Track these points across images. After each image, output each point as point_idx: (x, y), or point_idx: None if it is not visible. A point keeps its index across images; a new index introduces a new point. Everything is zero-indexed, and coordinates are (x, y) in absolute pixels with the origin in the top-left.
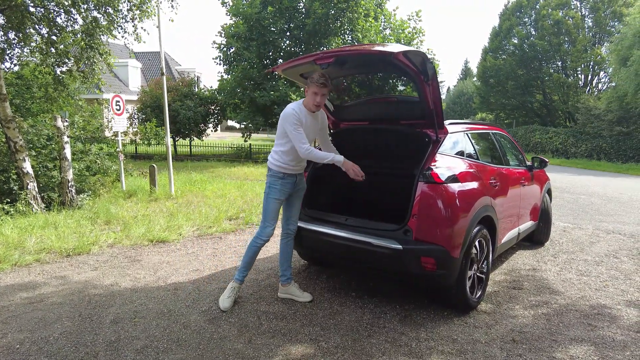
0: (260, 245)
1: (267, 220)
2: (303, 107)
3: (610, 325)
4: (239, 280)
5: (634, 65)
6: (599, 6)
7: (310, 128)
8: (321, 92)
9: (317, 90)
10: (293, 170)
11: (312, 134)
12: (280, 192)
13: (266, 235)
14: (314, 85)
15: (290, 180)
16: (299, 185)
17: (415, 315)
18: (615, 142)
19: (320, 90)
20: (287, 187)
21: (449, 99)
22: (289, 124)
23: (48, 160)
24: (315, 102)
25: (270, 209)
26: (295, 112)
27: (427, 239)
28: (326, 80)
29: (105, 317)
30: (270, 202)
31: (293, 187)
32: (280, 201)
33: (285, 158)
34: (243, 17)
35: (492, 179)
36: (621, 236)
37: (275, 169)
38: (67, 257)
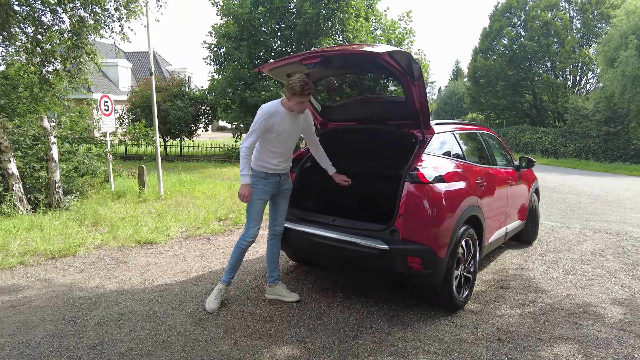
0: (245, 247)
1: (251, 221)
2: (281, 108)
3: (595, 323)
4: (226, 282)
5: (621, 66)
6: (587, 8)
7: (290, 128)
8: (306, 101)
9: (303, 99)
10: (275, 170)
11: (294, 134)
12: (263, 192)
13: (251, 236)
14: (298, 96)
15: (273, 180)
16: (283, 186)
17: (402, 315)
18: (603, 142)
19: (306, 99)
20: (270, 187)
21: (440, 100)
22: (255, 122)
23: (35, 161)
24: (300, 109)
25: (253, 209)
26: (266, 111)
27: (414, 238)
28: (310, 88)
29: (90, 320)
30: (253, 203)
31: (276, 187)
32: (263, 201)
33: (264, 157)
34: (234, 17)
35: (479, 178)
36: (607, 235)
37: (258, 168)
38: (52, 259)
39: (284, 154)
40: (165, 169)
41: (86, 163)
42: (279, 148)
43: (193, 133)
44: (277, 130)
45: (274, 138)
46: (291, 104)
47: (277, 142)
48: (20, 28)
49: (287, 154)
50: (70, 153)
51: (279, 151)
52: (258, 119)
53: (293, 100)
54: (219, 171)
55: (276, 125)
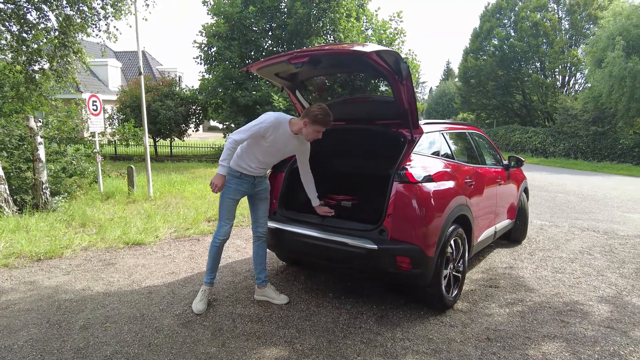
0: (219, 245)
1: (222, 219)
2: (287, 127)
3: (582, 321)
4: (209, 283)
5: (608, 67)
6: (575, 9)
7: (286, 148)
8: (322, 129)
9: (321, 129)
10: (251, 171)
11: (286, 153)
12: (235, 192)
13: (223, 235)
14: (320, 125)
15: (247, 180)
16: (258, 187)
17: (391, 315)
18: (591, 142)
19: (323, 129)
20: (243, 188)
21: (432, 100)
22: (256, 122)
23: (21, 161)
24: (314, 137)
25: (224, 207)
26: (271, 122)
27: (402, 238)
28: (331, 120)
29: (75, 323)
30: (224, 201)
31: (250, 188)
32: (234, 201)
33: (245, 158)
34: (224, 17)
35: (468, 178)
36: (595, 233)
37: (234, 167)
38: (38, 262)
39: (266, 163)
40: (155, 170)
41: (74, 164)
42: (264, 157)
43: (183, 133)
44: (273, 144)
45: (265, 147)
46: (307, 131)
47: (265, 152)
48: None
49: (268, 164)
50: (57, 153)
51: (263, 160)
52: (261, 122)
53: (312, 127)
54: (209, 171)
55: (274, 139)
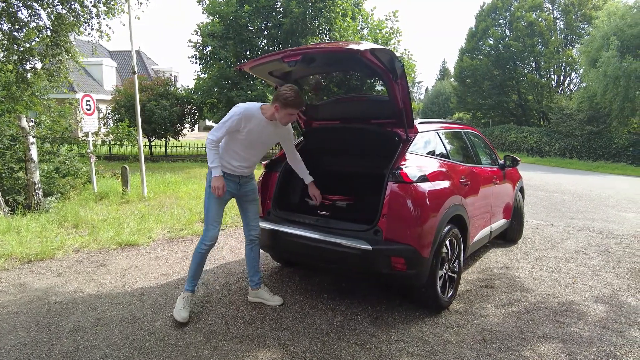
0: (205, 251)
1: (209, 223)
2: (260, 114)
3: (578, 321)
4: (190, 290)
5: (603, 67)
6: (570, 9)
7: (264, 137)
8: (297, 112)
9: (294, 112)
10: (235, 170)
11: (267, 143)
12: None
13: (210, 239)
14: (292, 108)
15: (232, 180)
16: (244, 188)
17: (386, 317)
18: (586, 141)
19: (297, 110)
20: (229, 188)
21: (427, 99)
22: (227, 117)
23: (13, 161)
24: (287, 121)
25: (210, 210)
26: (242, 112)
27: (397, 239)
28: (303, 101)
29: (65, 326)
30: (210, 203)
31: (236, 189)
32: (220, 202)
33: (225, 156)
34: (219, 16)
35: (463, 178)
36: (590, 233)
37: None
38: (29, 263)
39: (248, 159)
40: (150, 170)
41: (67, 164)
42: (244, 152)
43: (179, 133)
44: (249, 135)
45: (242, 140)
46: (280, 115)
47: (243, 145)
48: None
49: (251, 160)
50: (50, 153)
51: (244, 155)
52: (231, 116)
53: (284, 111)
54: (204, 171)
55: (249, 130)
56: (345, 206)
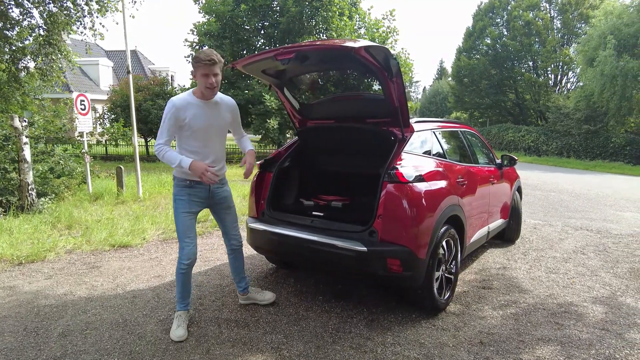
0: (185, 270)
1: (182, 240)
2: (193, 98)
3: (577, 323)
4: (184, 309)
5: (600, 66)
6: (567, 8)
7: (208, 121)
8: (212, 72)
9: (205, 70)
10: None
11: (216, 128)
12: (190, 204)
13: (187, 257)
14: (200, 66)
15: (201, 188)
16: (217, 195)
17: (382, 319)
18: (584, 140)
19: (211, 70)
20: (198, 198)
21: (425, 99)
22: (163, 117)
23: (6, 162)
24: (207, 84)
25: (180, 225)
26: (173, 105)
27: (393, 240)
28: (214, 55)
29: (53, 330)
30: (179, 218)
31: (206, 197)
32: (191, 214)
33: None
34: (216, 15)
35: (460, 177)
36: (588, 232)
37: (180, 175)
38: (19, 266)
39: (209, 154)
40: (146, 170)
41: (62, 164)
42: (198, 147)
43: None
44: (192, 125)
45: (190, 135)
46: (199, 82)
47: (194, 139)
48: None
49: (213, 154)
50: (44, 154)
51: (199, 151)
52: (166, 114)
53: (198, 73)
54: None
55: (189, 119)
56: (340, 207)
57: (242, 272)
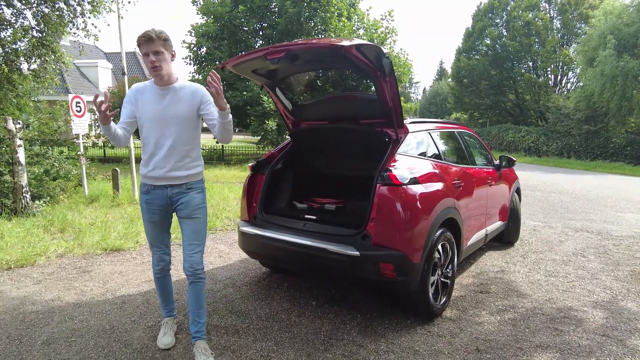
0: (160, 276)
1: (151, 247)
2: (153, 84)
3: (576, 329)
4: (169, 315)
5: (600, 66)
6: (567, 8)
7: (163, 105)
8: (151, 49)
9: (144, 49)
10: (155, 178)
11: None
12: (148, 212)
13: (157, 263)
14: (139, 45)
15: (158, 193)
16: (179, 201)
17: (376, 325)
18: (584, 140)
19: (149, 48)
20: (155, 205)
21: (425, 100)
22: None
23: (1, 164)
24: (149, 64)
25: (147, 234)
26: (132, 91)
27: (386, 244)
28: (152, 32)
29: (38, 337)
30: (145, 226)
31: (165, 204)
32: (152, 224)
33: (144, 161)
34: (214, 16)
35: (456, 179)
36: (589, 234)
37: (142, 179)
38: (8, 270)
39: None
40: None
41: (56, 166)
42: (146, 138)
43: None
44: (144, 106)
45: (142, 121)
46: (145, 63)
47: (146, 126)
48: None
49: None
50: (39, 156)
51: (147, 142)
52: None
53: (142, 53)
54: None
55: (142, 102)
56: (334, 209)
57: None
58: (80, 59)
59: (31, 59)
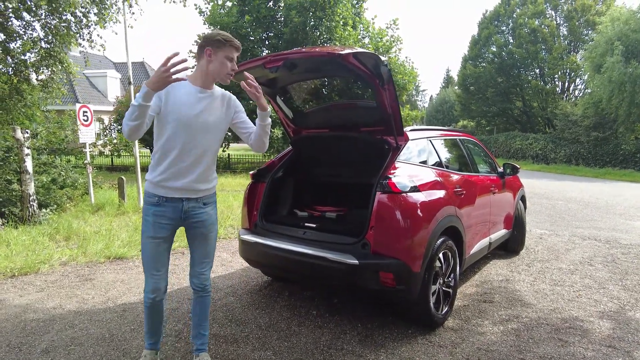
0: (151, 304)
1: (146, 270)
2: (190, 85)
3: (582, 339)
4: (151, 348)
5: (607, 72)
6: (573, 15)
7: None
8: (236, 56)
9: (232, 55)
10: (171, 189)
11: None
12: (155, 227)
13: (152, 291)
14: (228, 47)
15: (171, 206)
16: (195, 216)
17: (376, 335)
18: (593, 147)
19: (235, 54)
20: (165, 220)
21: (432, 107)
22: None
23: (9, 173)
24: (230, 70)
25: (145, 253)
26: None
27: (386, 252)
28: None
29: (37, 345)
30: (144, 243)
31: (179, 217)
32: (157, 241)
33: (157, 167)
34: (220, 26)
35: (458, 187)
36: (596, 242)
37: (149, 188)
38: (12, 278)
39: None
40: None
41: (63, 175)
42: (180, 143)
43: None
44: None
45: (169, 124)
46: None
47: (174, 130)
48: None
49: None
50: (47, 164)
51: (180, 149)
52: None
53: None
54: None
55: (174, 99)
56: (334, 217)
57: (201, 327)
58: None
59: (39, 69)
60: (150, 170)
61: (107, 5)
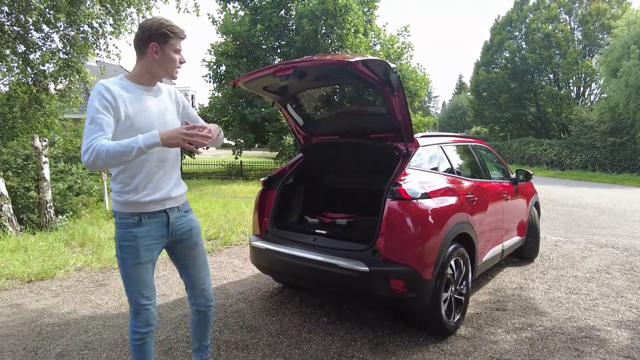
0: (141, 342)
1: (133, 300)
2: (129, 83)
3: (599, 349)
4: None
5: (624, 76)
6: (588, 19)
7: (157, 111)
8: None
9: (179, 46)
10: (152, 203)
11: (169, 122)
12: (142, 252)
13: (142, 325)
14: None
15: (156, 222)
16: (180, 227)
17: (387, 343)
18: (610, 153)
19: (181, 45)
20: (152, 238)
21: (445, 113)
22: (89, 107)
23: (28, 180)
24: (179, 65)
25: (132, 282)
26: (105, 91)
27: (396, 259)
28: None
29: (52, 350)
30: (128, 272)
31: (166, 233)
32: (144, 265)
33: (130, 181)
34: (233, 35)
35: (470, 193)
36: (614, 250)
37: (122, 209)
38: (29, 283)
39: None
40: None
41: (79, 182)
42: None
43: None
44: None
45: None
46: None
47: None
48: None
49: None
50: (63, 172)
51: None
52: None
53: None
54: (217, 188)
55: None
56: (345, 224)
57: (204, 339)
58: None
59: (57, 79)
60: (118, 191)
61: (122, 16)
